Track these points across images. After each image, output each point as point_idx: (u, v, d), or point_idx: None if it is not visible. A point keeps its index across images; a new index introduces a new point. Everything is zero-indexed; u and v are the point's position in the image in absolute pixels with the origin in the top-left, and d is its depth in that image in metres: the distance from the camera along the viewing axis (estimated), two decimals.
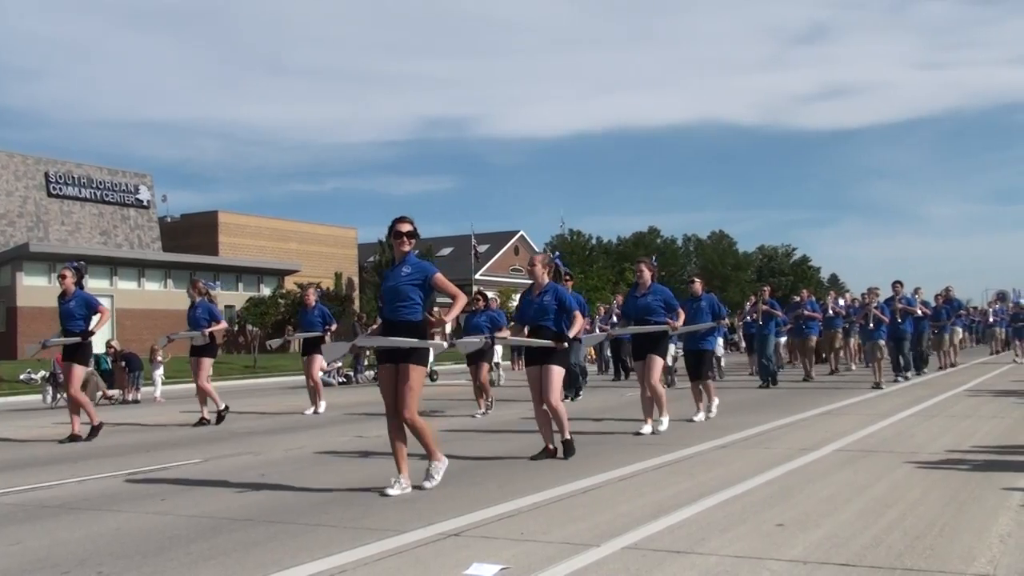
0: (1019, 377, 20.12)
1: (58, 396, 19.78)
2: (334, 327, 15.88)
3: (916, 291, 22.08)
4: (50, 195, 48.53)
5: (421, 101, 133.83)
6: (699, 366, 12.44)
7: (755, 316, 19.90)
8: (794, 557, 4.86)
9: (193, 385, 14.08)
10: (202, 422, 13.45)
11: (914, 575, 4.48)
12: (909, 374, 19.84)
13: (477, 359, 14.39)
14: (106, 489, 7.84)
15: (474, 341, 9.33)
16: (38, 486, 8.10)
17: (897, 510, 6.04)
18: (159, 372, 21.32)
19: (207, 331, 13.64)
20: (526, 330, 8.91)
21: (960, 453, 8.65)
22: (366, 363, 27.17)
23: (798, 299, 23.01)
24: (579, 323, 8.91)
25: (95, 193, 50.31)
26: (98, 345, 27.48)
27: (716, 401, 12.50)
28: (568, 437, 8.77)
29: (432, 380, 24.03)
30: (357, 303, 57.65)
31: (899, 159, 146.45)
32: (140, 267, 48.83)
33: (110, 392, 20.31)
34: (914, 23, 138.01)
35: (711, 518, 5.90)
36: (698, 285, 13.09)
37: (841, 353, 24.40)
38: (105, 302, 15.45)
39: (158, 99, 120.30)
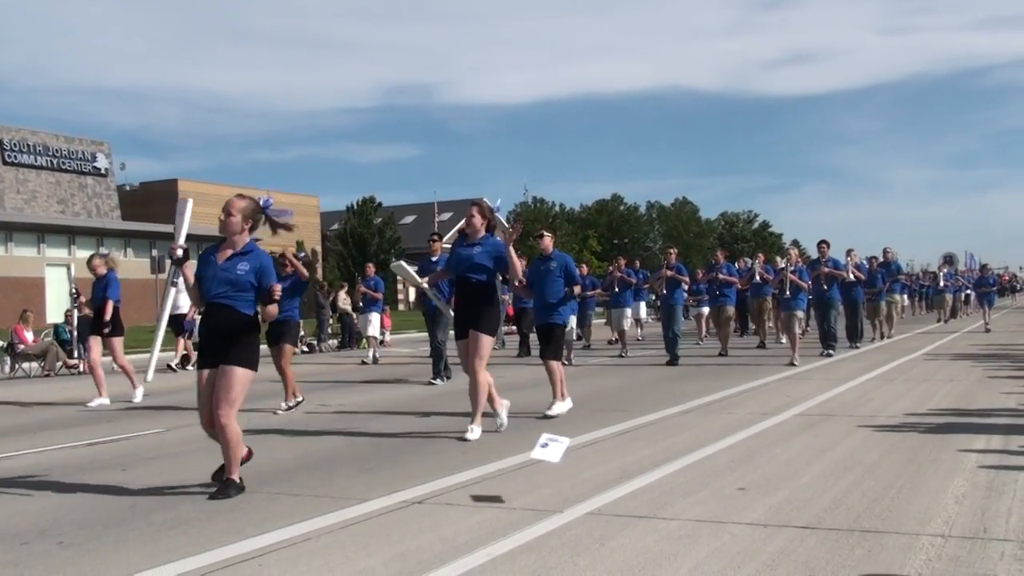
0: (976, 341, 20.43)
1: (16, 366, 19.54)
2: (110, 305, 12.70)
3: (849, 253, 19.28)
4: (5, 163, 47.60)
5: (384, 68, 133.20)
6: (548, 344, 9.89)
7: (658, 284, 17.26)
8: (755, 520, 4.92)
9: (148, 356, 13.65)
10: None
11: (872, 536, 4.55)
12: (833, 350, 17.02)
13: (280, 338, 11.08)
14: (67, 459, 7.77)
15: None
16: None
17: (856, 473, 6.13)
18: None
19: None
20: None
21: (917, 416, 8.78)
22: (329, 331, 27.10)
23: (713, 262, 20.37)
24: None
25: (51, 161, 49.43)
26: (57, 314, 27.04)
27: (568, 403, 9.67)
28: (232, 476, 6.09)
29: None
30: (320, 272, 57.34)
31: (861, 125, 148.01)
32: (99, 236, 48.10)
33: (71, 361, 20.08)
34: None
35: (673, 483, 5.96)
36: (547, 240, 10.31)
37: (771, 324, 21.26)
38: (62, 271, 14.93)
39: (116, 65, 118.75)
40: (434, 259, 13.59)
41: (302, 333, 26.25)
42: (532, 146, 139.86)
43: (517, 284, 9.67)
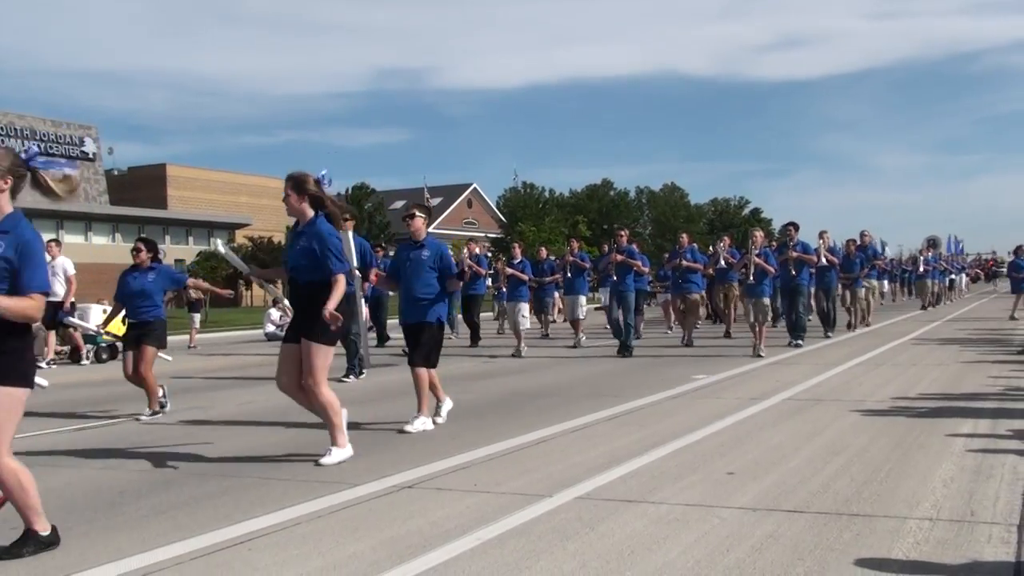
0: (964, 326, 20.50)
1: None
2: None
3: (821, 235, 18.19)
4: None
5: (374, 52, 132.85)
6: (418, 347, 8.19)
7: (608, 268, 15.58)
8: (744, 504, 4.93)
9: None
10: None
11: (860, 520, 4.57)
12: (801, 340, 15.78)
13: (141, 340, 9.49)
14: (55, 445, 7.74)
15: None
16: None
17: (844, 457, 6.15)
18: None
19: None
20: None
21: (906, 401, 8.81)
22: None
23: (678, 247, 18.75)
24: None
25: (39, 145, 49.05)
26: None
27: (447, 404, 8.41)
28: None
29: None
30: None
31: (853, 110, 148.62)
32: (87, 221, 48.00)
33: (59, 348, 19.99)
34: None
35: (663, 467, 5.97)
36: (419, 222, 8.43)
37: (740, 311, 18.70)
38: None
39: (105, 48, 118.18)
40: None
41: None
42: (522, 131, 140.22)
43: (374, 277, 8.88)
